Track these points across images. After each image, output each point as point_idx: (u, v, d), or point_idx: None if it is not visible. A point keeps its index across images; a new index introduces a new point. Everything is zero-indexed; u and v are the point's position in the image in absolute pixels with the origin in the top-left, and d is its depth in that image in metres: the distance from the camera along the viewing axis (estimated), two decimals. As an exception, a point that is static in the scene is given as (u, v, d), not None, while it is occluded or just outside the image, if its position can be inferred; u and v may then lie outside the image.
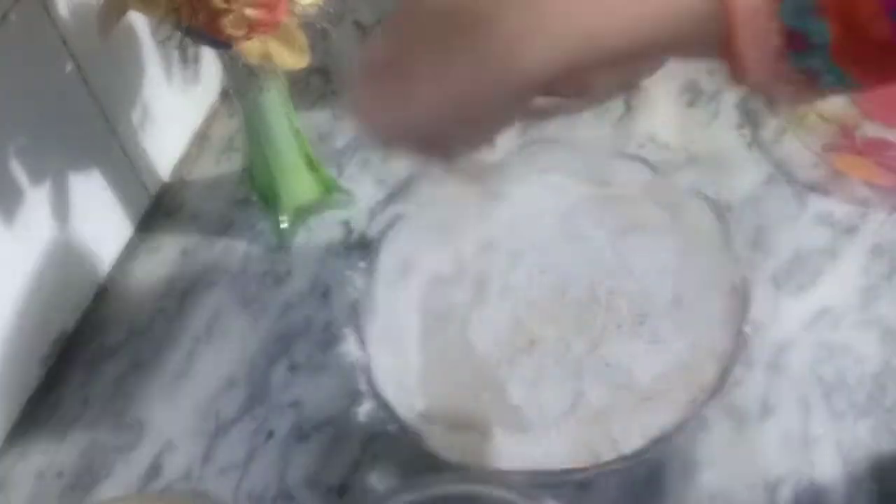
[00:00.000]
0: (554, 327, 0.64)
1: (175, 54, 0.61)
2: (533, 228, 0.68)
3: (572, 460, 0.57)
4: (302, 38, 0.60)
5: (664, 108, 0.78)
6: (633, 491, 0.59)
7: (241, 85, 0.65)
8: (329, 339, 0.68)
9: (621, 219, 0.67)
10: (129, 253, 0.75)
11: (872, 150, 0.69)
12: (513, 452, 0.59)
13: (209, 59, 0.62)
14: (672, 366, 0.61)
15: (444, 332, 0.65)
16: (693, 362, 0.61)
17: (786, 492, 0.59)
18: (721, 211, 0.65)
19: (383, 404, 0.59)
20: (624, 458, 0.56)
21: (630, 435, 0.58)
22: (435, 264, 0.67)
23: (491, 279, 0.67)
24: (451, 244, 0.68)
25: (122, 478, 0.65)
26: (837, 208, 0.70)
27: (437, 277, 0.67)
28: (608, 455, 0.57)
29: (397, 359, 0.63)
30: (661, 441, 0.56)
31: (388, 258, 0.66)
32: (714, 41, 0.38)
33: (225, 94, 0.82)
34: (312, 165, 0.73)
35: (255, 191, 0.75)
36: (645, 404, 0.60)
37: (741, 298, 0.61)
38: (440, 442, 0.58)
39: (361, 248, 0.73)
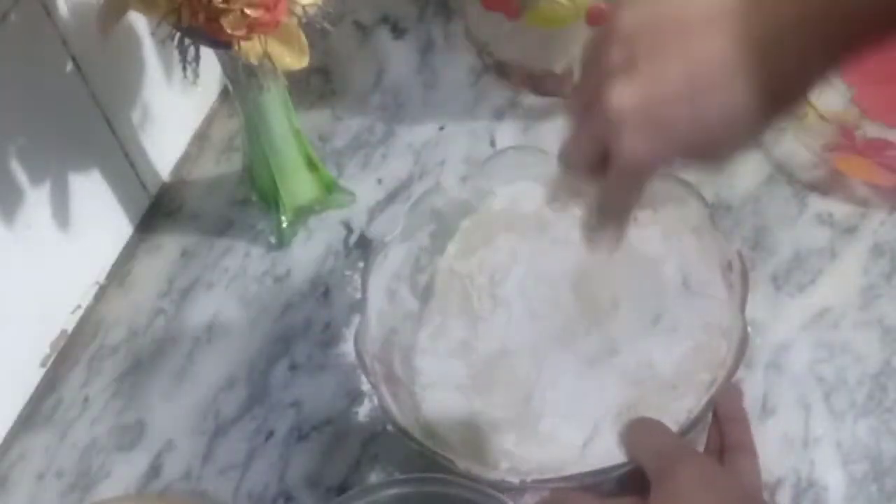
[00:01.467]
0: (556, 342, 0.64)
1: (175, 54, 0.61)
2: (518, 241, 0.68)
3: (611, 459, 0.56)
4: (302, 38, 0.60)
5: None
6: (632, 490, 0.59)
7: (241, 85, 0.65)
8: (329, 339, 0.68)
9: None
10: (129, 253, 0.75)
11: (872, 150, 0.69)
12: (546, 460, 0.59)
13: (209, 59, 0.62)
14: (689, 349, 0.61)
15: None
16: (707, 342, 0.61)
17: (786, 492, 0.59)
18: (699, 192, 0.64)
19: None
20: None
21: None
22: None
23: (480, 298, 0.66)
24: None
25: (122, 478, 0.65)
26: (837, 208, 0.70)
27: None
28: None
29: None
30: (694, 424, 0.56)
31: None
32: None
33: (225, 94, 0.82)
34: (312, 165, 0.73)
35: (255, 191, 0.75)
36: (671, 392, 0.60)
37: (738, 274, 0.60)
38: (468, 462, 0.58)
39: (361, 248, 0.73)
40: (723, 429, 0.58)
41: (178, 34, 0.59)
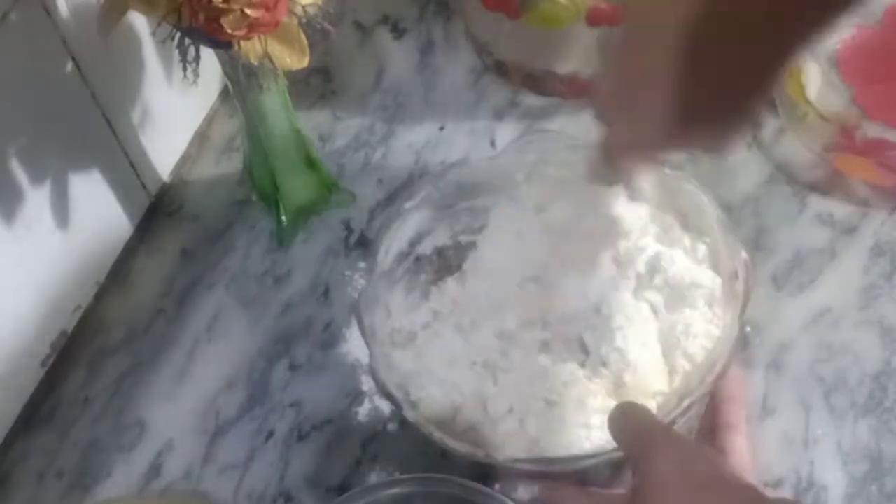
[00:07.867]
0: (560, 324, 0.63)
1: (175, 54, 0.61)
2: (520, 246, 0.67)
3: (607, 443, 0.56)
4: (302, 38, 0.60)
5: (664, 108, 0.78)
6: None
7: (241, 85, 0.65)
8: (329, 339, 0.69)
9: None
10: (129, 253, 0.75)
11: (872, 150, 0.69)
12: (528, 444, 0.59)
13: (209, 59, 0.62)
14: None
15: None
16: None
17: (786, 492, 0.59)
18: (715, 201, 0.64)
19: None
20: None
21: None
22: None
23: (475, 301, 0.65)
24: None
25: (122, 478, 0.65)
26: (837, 208, 0.71)
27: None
28: None
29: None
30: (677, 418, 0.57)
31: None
32: None
33: (225, 94, 0.82)
34: (312, 165, 0.73)
35: (255, 191, 0.75)
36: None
37: (742, 282, 0.60)
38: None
39: (361, 248, 0.73)
40: (717, 409, 0.58)
41: (178, 34, 0.59)
